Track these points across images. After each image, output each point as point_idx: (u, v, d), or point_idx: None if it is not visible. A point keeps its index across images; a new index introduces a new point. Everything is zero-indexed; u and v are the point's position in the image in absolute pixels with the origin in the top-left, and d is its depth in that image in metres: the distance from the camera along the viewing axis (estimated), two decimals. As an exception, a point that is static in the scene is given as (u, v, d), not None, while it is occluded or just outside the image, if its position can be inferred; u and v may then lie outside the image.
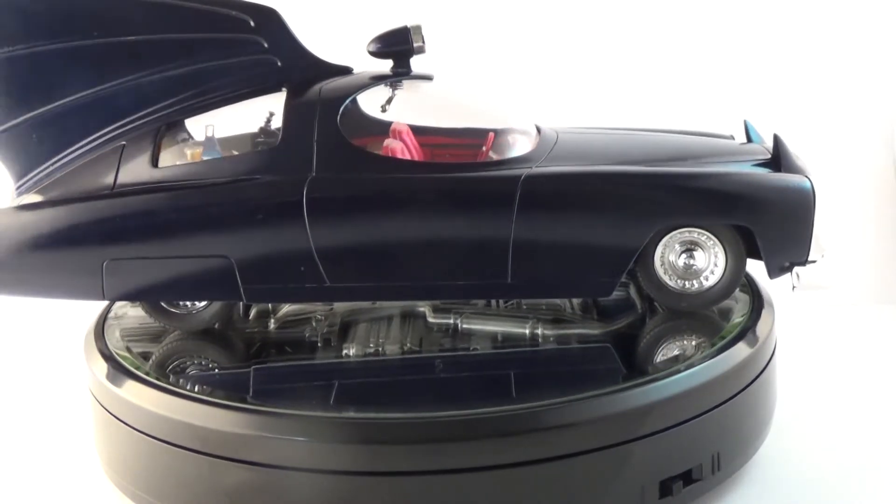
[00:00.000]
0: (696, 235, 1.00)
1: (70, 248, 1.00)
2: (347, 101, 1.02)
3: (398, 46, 1.07)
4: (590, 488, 0.87)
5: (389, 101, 1.10)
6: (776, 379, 1.03)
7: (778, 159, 1.02)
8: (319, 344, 1.04)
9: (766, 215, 0.98)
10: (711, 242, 0.99)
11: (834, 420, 1.12)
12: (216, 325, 1.07)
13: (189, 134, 1.07)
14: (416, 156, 1.08)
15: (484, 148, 1.05)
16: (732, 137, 1.12)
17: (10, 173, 1.04)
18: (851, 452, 1.05)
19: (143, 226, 0.99)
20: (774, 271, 1.00)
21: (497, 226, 0.97)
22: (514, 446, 0.85)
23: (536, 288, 1.01)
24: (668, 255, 1.00)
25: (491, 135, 1.05)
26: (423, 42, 1.07)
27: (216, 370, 1.01)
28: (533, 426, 0.86)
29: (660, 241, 1.00)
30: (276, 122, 1.06)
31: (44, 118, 1.02)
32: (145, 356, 1.02)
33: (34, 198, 1.02)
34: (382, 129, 1.09)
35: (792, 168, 1.01)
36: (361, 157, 1.00)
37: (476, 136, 1.07)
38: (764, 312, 1.03)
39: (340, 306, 1.10)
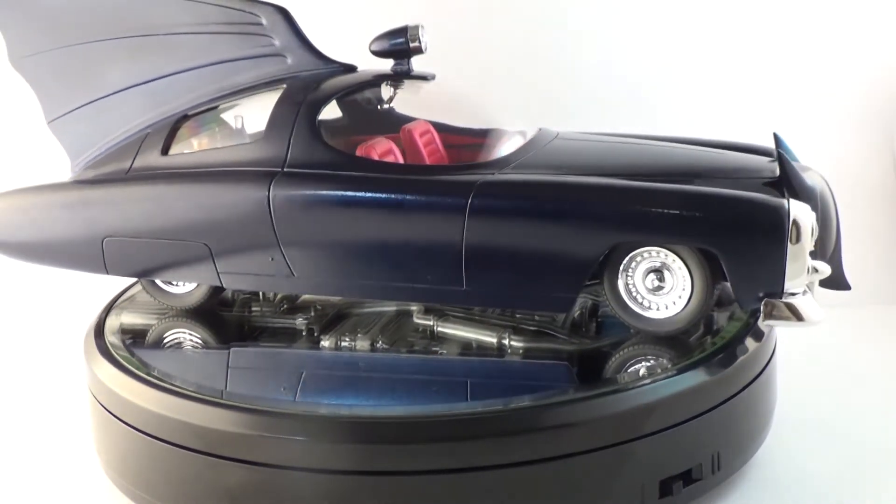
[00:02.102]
0: (662, 257, 0.95)
1: (80, 224, 1.09)
2: (333, 100, 1.06)
3: (398, 46, 1.10)
4: (590, 488, 0.87)
5: (390, 99, 1.12)
6: (776, 379, 1.03)
7: (785, 180, 0.96)
8: (304, 333, 1.07)
9: (730, 239, 0.92)
10: (678, 265, 0.95)
11: (834, 420, 1.12)
12: (236, 306, 1.13)
13: (219, 123, 1.12)
14: (430, 156, 1.09)
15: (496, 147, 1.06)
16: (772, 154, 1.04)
17: (67, 154, 1.15)
18: (851, 452, 1.05)
19: (138, 208, 1.07)
20: (746, 301, 0.93)
21: (450, 231, 0.96)
22: (514, 446, 0.85)
23: (492, 297, 0.99)
24: (635, 276, 0.97)
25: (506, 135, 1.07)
26: (420, 42, 1.09)
27: (201, 348, 1.08)
28: (533, 426, 0.86)
29: (623, 259, 0.96)
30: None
31: (94, 106, 1.12)
32: (145, 330, 1.10)
33: (82, 175, 1.13)
34: (392, 127, 1.10)
35: (799, 190, 0.95)
36: (332, 155, 1.02)
37: (494, 137, 1.08)
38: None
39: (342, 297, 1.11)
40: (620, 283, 0.97)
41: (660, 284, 0.96)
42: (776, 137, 1.01)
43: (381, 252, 0.99)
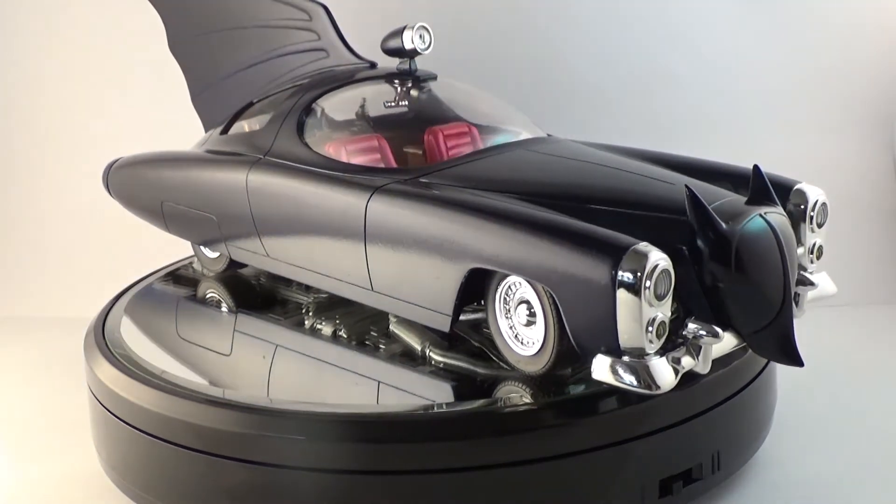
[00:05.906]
0: (527, 290, 0.88)
1: (155, 187, 1.24)
2: (321, 98, 1.13)
3: (399, 45, 1.13)
4: (590, 488, 0.87)
5: (393, 98, 1.13)
6: (776, 379, 1.03)
7: (695, 220, 0.83)
8: (303, 311, 1.12)
9: (559, 279, 0.82)
10: (536, 300, 0.87)
11: (834, 420, 1.12)
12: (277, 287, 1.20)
13: (264, 112, 1.19)
14: (442, 156, 1.09)
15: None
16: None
17: (203, 129, 1.28)
18: (851, 452, 1.05)
19: (179, 177, 1.20)
20: (586, 355, 0.82)
21: (357, 232, 0.98)
22: (514, 446, 0.85)
23: (391, 303, 0.98)
24: (511, 306, 0.90)
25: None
26: (415, 42, 1.13)
27: (221, 307, 1.19)
28: (533, 426, 0.86)
29: (497, 286, 0.91)
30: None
31: (216, 88, 1.25)
32: (197, 278, 1.27)
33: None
34: (416, 127, 1.11)
35: (707, 237, 0.82)
36: (300, 149, 1.08)
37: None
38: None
39: None
40: (498, 311, 0.92)
41: (530, 319, 0.89)
42: (755, 170, 0.88)
43: (315, 244, 1.04)
